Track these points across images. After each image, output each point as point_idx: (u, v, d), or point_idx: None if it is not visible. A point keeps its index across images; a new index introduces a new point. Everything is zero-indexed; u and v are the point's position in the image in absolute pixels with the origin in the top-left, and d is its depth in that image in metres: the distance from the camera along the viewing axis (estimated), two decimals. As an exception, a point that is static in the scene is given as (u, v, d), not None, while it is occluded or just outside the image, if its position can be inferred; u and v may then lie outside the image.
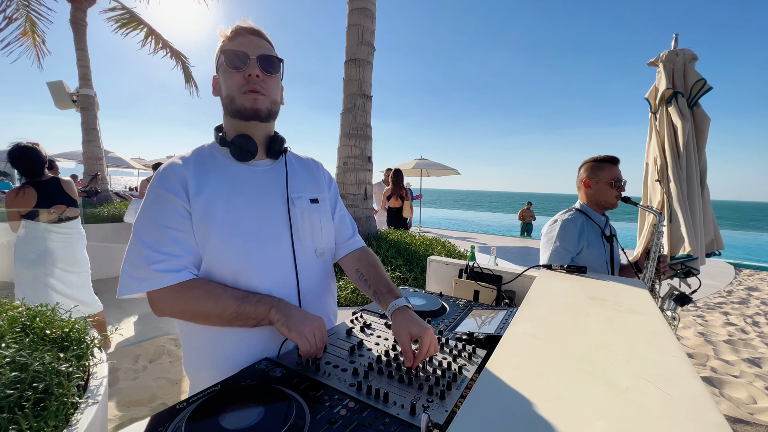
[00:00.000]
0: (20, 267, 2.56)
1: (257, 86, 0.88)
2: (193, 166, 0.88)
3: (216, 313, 0.80)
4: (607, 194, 1.79)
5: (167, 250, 0.81)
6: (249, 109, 0.88)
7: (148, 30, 8.03)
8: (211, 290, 0.82)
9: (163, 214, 0.83)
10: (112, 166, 12.37)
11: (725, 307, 4.95)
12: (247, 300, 0.81)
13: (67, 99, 7.14)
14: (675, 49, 2.27)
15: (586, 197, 1.85)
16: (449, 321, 1.13)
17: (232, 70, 0.87)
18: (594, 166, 1.84)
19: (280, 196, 0.94)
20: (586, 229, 1.75)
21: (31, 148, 2.54)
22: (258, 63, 0.88)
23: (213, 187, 0.87)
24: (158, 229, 0.81)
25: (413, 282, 3.63)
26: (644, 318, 0.95)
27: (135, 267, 0.79)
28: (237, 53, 0.87)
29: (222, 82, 0.91)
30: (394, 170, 6.14)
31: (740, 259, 8.59)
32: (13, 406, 0.88)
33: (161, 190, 0.84)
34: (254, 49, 0.89)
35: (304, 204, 0.97)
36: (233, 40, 0.89)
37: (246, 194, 0.90)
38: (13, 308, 1.29)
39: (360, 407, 0.63)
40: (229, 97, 0.89)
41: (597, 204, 1.82)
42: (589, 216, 1.80)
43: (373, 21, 4.94)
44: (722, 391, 2.69)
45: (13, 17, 6.34)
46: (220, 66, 0.90)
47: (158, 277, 0.78)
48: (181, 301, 0.80)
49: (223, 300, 0.80)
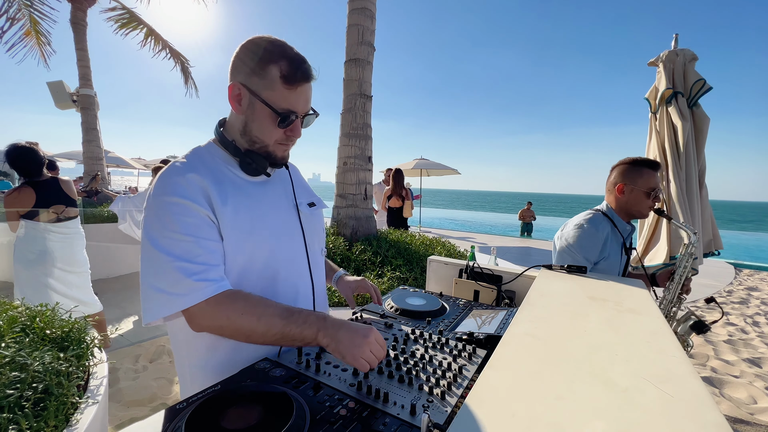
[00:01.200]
0: (19, 267, 2.56)
1: (292, 142, 0.90)
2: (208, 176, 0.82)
3: (260, 332, 0.74)
4: (641, 204, 1.60)
5: (203, 260, 0.76)
6: (279, 158, 0.90)
7: (148, 30, 8.03)
8: (254, 306, 0.76)
9: (189, 224, 0.76)
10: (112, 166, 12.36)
11: (725, 307, 4.95)
12: (291, 320, 0.75)
13: (67, 99, 7.14)
14: (675, 49, 2.27)
15: (617, 203, 1.66)
16: (449, 321, 1.13)
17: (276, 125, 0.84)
18: (631, 170, 1.62)
19: (291, 203, 0.98)
20: (610, 239, 1.59)
21: (30, 149, 2.54)
22: (301, 121, 0.88)
23: (235, 199, 0.84)
24: (187, 240, 0.75)
25: (413, 282, 3.63)
26: (644, 318, 0.94)
27: (171, 282, 0.72)
28: (289, 114, 0.83)
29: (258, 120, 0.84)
30: (395, 170, 6.14)
31: (740, 259, 8.59)
32: (13, 406, 0.88)
33: (178, 198, 0.77)
34: (305, 105, 0.85)
35: (306, 209, 1.02)
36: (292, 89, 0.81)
37: (263, 204, 0.90)
38: (13, 308, 1.29)
39: (360, 407, 0.63)
40: (260, 140, 0.86)
41: (627, 212, 1.65)
42: (615, 224, 1.63)
43: (373, 21, 4.94)
44: (722, 391, 2.69)
45: (15, 18, 6.34)
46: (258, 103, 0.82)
47: (201, 289, 0.73)
48: (223, 315, 0.74)
49: (266, 318, 0.74)
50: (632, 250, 1.69)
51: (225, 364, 0.86)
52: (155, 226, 0.76)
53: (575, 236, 1.59)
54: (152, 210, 0.77)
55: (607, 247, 1.57)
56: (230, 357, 0.87)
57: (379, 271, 3.75)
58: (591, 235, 1.56)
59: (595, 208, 1.72)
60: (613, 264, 1.59)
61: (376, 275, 3.64)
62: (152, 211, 0.77)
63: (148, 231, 0.76)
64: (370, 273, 3.69)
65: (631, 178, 1.61)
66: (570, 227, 1.65)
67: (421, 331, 0.98)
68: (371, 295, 1.16)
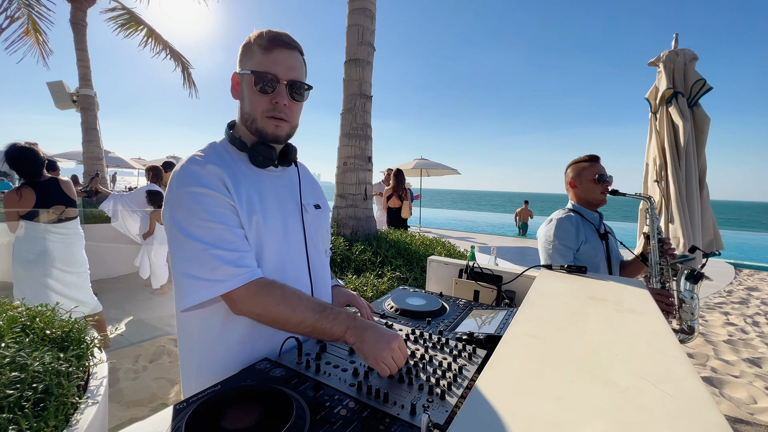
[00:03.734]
0: (18, 267, 2.56)
1: (282, 113, 0.86)
2: (224, 167, 0.84)
3: (294, 322, 0.78)
4: (593, 191, 1.81)
5: (236, 247, 0.78)
6: (270, 134, 0.87)
7: (148, 30, 8.03)
8: (289, 297, 0.79)
9: (217, 213, 0.78)
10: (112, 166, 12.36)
11: (725, 307, 4.95)
12: (324, 315, 0.78)
13: (67, 99, 7.14)
14: (675, 49, 2.27)
15: (576, 197, 1.89)
16: (449, 321, 1.13)
17: (259, 93, 0.84)
18: (576, 167, 1.89)
19: (295, 202, 0.98)
20: (581, 227, 1.77)
21: (29, 149, 2.53)
22: (287, 89, 0.85)
23: (248, 189, 0.86)
24: (219, 228, 0.77)
25: (413, 282, 3.63)
26: (644, 318, 0.94)
27: (209, 269, 0.75)
28: (268, 76, 0.83)
29: (246, 96, 0.87)
30: (396, 170, 6.14)
31: (740, 259, 8.59)
32: (13, 406, 0.88)
33: (203, 188, 0.79)
34: (286, 70, 0.84)
35: (312, 210, 1.01)
36: (266, 53, 0.83)
37: (271, 200, 0.91)
38: (12, 308, 1.29)
39: (360, 407, 0.63)
40: (250, 117, 0.87)
41: (587, 202, 1.85)
42: (582, 215, 1.83)
43: (373, 21, 4.94)
44: (722, 391, 2.69)
45: (14, 16, 6.35)
46: (245, 77, 0.85)
47: (240, 275, 0.76)
48: (260, 304, 0.77)
49: (300, 311, 0.78)
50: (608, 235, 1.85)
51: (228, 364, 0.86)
52: (183, 215, 0.77)
53: (550, 229, 1.77)
54: (177, 201, 0.79)
55: (582, 232, 1.74)
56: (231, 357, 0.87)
57: (379, 271, 3.75)
58: (562, 224, 1.75)
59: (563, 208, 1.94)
60: (595, 248, 1.74)
61: (376, 275, 3.64)
62: (177, 202, 0.78)
63: (176, 221, 0.77)
64: (370, 273, 3.69)
65: (578, 173, 1.86)
66: (544, 225, 1.85)
67: (421, 331, 0.98)
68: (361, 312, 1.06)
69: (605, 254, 1.79)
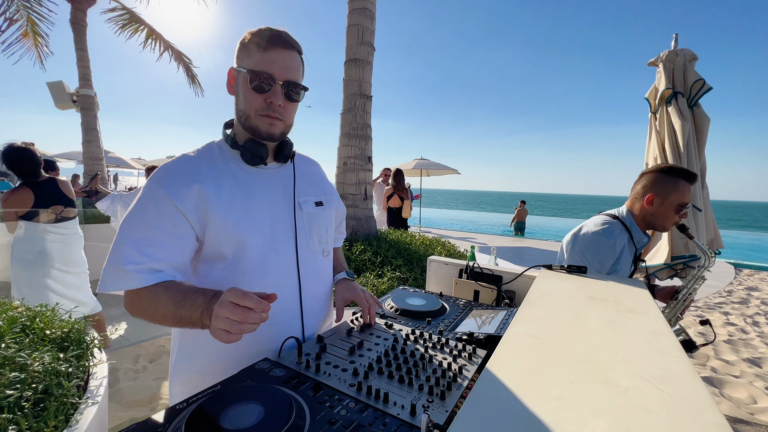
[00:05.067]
0: (17, 267, 2.56)
1: (276, 113, 0.86)
2: (207, 170, 0.86)
3: (159, 316, 0.76)
4: (667, 219, 1.47)
5: (148, 252, 0.78)
6: (264, 132, 0.87)
7: (149, 30, 8.03)
8: (155, 292, 0.77)
9: (156, 215, 0.79)
10: (112, 166, 12.36)
11: (725, 307, 4.95)
12: (182, 303, 0.74)
13: (67, 99, 7.14)
14: (675, 49, 2.27)
15: (641, 212, 1.53)
16: (449, 321, 1.13)
17: (254, 91, 0.83)
18: (666, 180, 1.47)
19: (288, 200, 0.95)
20: (625, 252, 1.48)
21: (26, 149, 2.52)
22: (282, 90, 0.84)
23: (231, 192, 0.86)
24: (146, 229, 0.78)
25: (413, 282, 3.63)
26: (644, 318, 0.94)
27: (112, 263, 0.77)
28: (263, 76, 0.82)
29: (241, 94, 0.87)
30: (396, 170, 6.14)
31: (740, 259, 8.59)
32: (13, 406, 0.88)
33: (162, 190, 0.80)
34: (282, 71, 0.83)
35: (310, 208, 0.98)
36: (263, 52, 0.82)
37: (259, 199, 0.90)
38: (12, 308, 1.29)
39: (360, 407, 0.63)
40: (245, 114, 0.87)
41: (648, 223, 1.53)
42: (632, 235, 1.51)
43: (373, 21, 4.94)
44: (722, 391, 2.69)
45: (13, 18, 6.34)
46: (241, 75, 0.85)
47: (129, 278, 0.75)
48: (142, 304, 0.78)
49: (162, 303, 0.75)
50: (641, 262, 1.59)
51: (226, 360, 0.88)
52: (133, 208, 0.81)
53: (590, 246, 1.48)
54: (142, 190, 0.83)
55: (620, 261, 1.47)
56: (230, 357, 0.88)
57: (379, 271, 3.75)
58: (608, 248, 1.45)
59: (612, 214, 1.59)
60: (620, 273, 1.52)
61: (376, 275, 3.64)
62: (140, 194, 0.82)
63: (128, 210, 0.81)
64: (370, 273, 3.69)
65: (665, 191, 1.47)
66: (584, 234, 1.53)
67: (421, 331, 0.98)
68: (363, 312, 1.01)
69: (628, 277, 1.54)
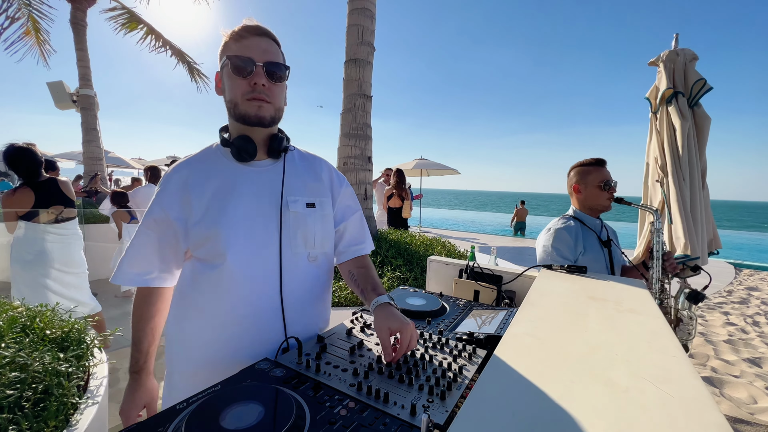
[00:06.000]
0: (17, 267, 2.55)
1: (262, 94, 0.87)
2: (196, 169, 0.92)
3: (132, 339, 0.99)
4: (598, 197, 1.75)
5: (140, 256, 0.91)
6: (253, 116, 0.88)
7: (148, 29, 8.03)
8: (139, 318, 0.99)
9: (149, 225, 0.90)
10: (113, 166, 12.35)
11: (725, 307, 4.95)
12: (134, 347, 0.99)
13: (67, 99, 7.14)
14: (675, 49, 2.27)
15: (578, 203, 1.82)
16: (449, 321, 1.13)
17: (237, 77, 0.85)
18: (581, 170, 1.81)
19: (275, 198, 0.92)
20: (581, 236, 1.71)
21: (27, 149, 2.53)
22: (264, 70, 0.86)
23: (215, 188, 0.89)
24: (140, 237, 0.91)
25: (413, 282, 3.63)
26: (644, 318, 0.94)
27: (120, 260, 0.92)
28: (242, 59, 0.84)
29: (226, 85, 0.89)
30: (396, 170, 6.14)
31: (740, 259, 8.58)
32: (13, 406, 0.88)
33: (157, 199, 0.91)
34: (261, 54, 0.86)
35: (299, 208, 0.94)
36: (239, 41, 0.86)
37: (244, 196, 0.90)
38: (12, 308, 1.29)
39: (360, 407, 0.63)
40: (232, 102, 0.88)
41: (590, 208, 1.80)
42: (584, 222, 1.77)
43: (373, 21, 4.94)
44: (722, 391, 2.69)
45: (15, 16, 6.35)
46: (224, 68, 0.88)
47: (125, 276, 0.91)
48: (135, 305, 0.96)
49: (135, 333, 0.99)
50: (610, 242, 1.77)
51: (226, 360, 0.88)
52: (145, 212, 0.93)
53: (548, 240, 1.70)
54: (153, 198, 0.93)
55: (580, 243, 1.68)
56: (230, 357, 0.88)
57: (379, 271, 3.75)
58: (560, 236, 1.69)
59: (564, 214, 1.86)
60: (595, 259, 1.68)
61: (376, 275, 3.64)
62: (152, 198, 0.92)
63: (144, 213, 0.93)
64: (370, 273, 3.69)
65: (583, 177, 1.79)
66: (542, 233, 1.78)
67: (421, 331, 0.98)
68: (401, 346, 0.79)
69: (607, 262, 1.74)
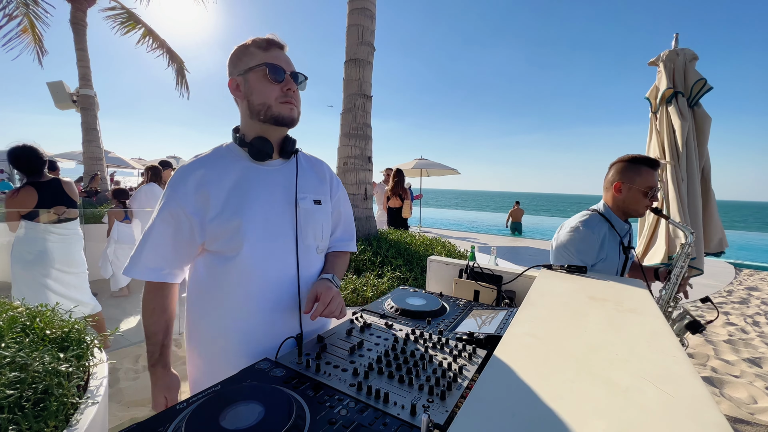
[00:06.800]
0: (17, 267, 2.55)
1: (293, 99, 0.97)
2: (211, 167, 0.96)
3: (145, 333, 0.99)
4: (638, 203, 1.57)
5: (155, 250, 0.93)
6: (287, 117, 0.97)
7: (146, 29, 8.04)
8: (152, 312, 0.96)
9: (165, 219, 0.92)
10: (113, 166, 12.36)
11: (725, 307, 4.95)
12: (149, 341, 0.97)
13: (67, 99, 7.14)
14: (675, 49, 2.27)
15: (613, 201, 1.63)
16: (449, 321, 1.13)
17: (272, 82, 0.94)
18: (630, 167, 1.59)
19: (289, 195, 1.01)
20: (607, 240, 1.55)
21: (32, 148, 2.55)
22: (292, 78, 0.97)
23: (232, 184, 0.95)
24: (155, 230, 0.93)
25: (413, 282, 3.63)
26: (644, 318, 0.94)
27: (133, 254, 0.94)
28: (277, 68, 0.94)
29: (255, 89, 0.95)
30: (396, 170, 6.14)
31: (740, 259, 8.58)
32: (13, 406, 0.88)
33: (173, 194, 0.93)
34: (287, 64, 0.97)
35: (308, 205, 1.04)
36: (268, 51, 0.95)
37: (260, 192, 0.97)
38: (12, 308, 1.29)
39: (360, 407, 0.63)
40: (265, 105, 0.95)
41: (624, 211, 1.62)
42: (612, 224, 1.60)
43: (373, 21, 4.94)
44: (722, 391, 2.69)
45: (12, 15, 6.36)
46: (253, 73, 0.94)
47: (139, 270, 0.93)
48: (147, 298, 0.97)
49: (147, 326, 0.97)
50: (631, 249, 1.65)
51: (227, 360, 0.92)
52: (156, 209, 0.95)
53: (571, 239, 1.56)
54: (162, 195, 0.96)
55: (604, 249, 1.54)
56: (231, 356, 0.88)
57: (379, 271, 3.75)
58: (587, 238, 1.53)
59: (592, 208, 1.69)
60: (611, 265, 1.56)
61: (376, 275, 3.64)
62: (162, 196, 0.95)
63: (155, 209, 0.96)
64: (370, 273, 3.69)
65: (629, 177, 1.58)
66: (566, 229, 1.61)
67: (421, 331, 0.98)
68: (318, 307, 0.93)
69: (620, 268, 1.61)
